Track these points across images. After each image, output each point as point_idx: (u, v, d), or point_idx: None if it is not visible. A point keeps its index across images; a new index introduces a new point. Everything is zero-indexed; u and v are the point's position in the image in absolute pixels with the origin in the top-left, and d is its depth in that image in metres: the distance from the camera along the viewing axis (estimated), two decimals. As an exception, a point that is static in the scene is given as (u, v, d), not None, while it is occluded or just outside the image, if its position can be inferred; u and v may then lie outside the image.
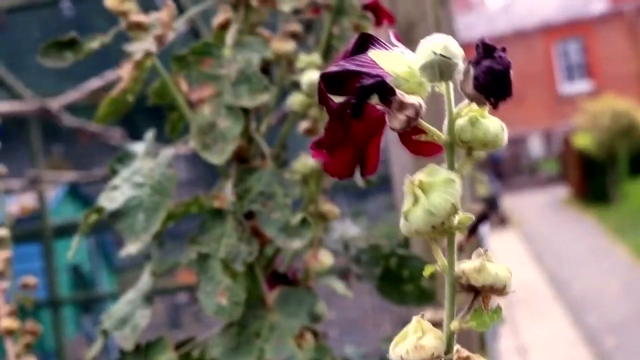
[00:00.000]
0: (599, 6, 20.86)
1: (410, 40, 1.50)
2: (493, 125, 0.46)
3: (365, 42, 0.48)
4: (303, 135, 0.97)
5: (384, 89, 0.44)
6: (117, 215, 0.92)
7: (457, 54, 0.44)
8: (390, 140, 1.18)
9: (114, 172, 1.00)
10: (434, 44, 0.44)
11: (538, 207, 13.15)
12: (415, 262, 1.02)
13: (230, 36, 0.92)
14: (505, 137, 0.47)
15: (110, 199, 0.93)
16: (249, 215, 0.92)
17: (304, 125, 0.95)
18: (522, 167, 16.55)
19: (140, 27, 0.93)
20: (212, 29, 0.99)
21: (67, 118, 3.98)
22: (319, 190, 0.94)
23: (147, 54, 0.87)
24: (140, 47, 0.90)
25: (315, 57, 0.88)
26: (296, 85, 0.91)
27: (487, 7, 26.30)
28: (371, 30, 0.90)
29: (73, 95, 3.77)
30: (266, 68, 0.95)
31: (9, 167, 1.22)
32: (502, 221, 11.23)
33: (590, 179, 12.56)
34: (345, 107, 0.46)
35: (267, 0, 0.96)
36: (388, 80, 0.45)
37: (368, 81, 0.44)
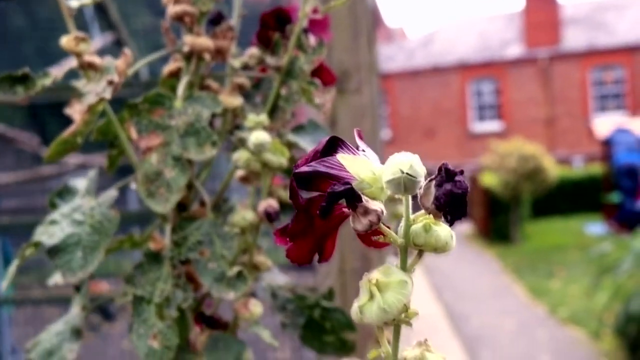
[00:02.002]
0: (515, 50, 21.46)
1: (344, 89, 1.55)
2: (444, 232, 0.51)
3: (333, 144, 0.52)
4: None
5: (352, 196, 0.49)
6: (54, 250, 0.93)
7: (421, 172, 0.49)
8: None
9: (52, 206, 1.02)
10: (401, 162, 0.49)
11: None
12: (338, 315, 1.06)
13: (181, 87, 0.95)
14: (453, 243, 0.52)
15: (49, 234, 0.95)
16: (185, 261, 0.94)
17: (240, 173, 0.99)
18: (427, 200, 16.79)
19: (93, 68, 0.95)
20: (162, 75, 1.02)
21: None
22: (254, 243, 0.97)
23: (101, 100, 0.89)
24: (94, 90, 0.92)
25: (263, 118, 0.92)
26: (241, 142, 0.94)
27: (407, 39, 26.73)
28: (317, 94, 0.94)
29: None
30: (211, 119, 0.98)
31: None
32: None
33: (494, 217, 12.90)
34: (311, 203, 0.51)
35: (218, 54, 1.00)
36: (353, 183, 0.50)
37: (338, 188, 0.49)
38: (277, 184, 1.01)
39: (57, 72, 0.96)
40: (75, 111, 0.93)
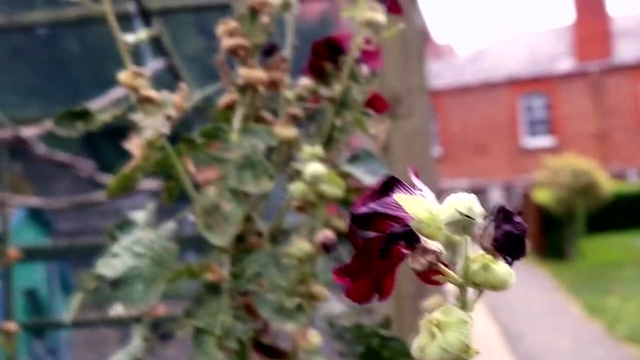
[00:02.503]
0: (565, 64, 21.22)
1: (396, 114, 1.56)
2: (503, 271, 0.51)
3: (390, 184, 0.53)
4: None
5: (411, 237, 0.50)
6: (116, 283, 0.95)
7: (479, 213, 0.49)
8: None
9: (112, 238, 1.04)
10: (459, 203, 0.49)
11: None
12: (396, 344, 1.06)
13: (236, 120, 0.97)
14: (512, 281, 0.52)
15: (110, 267, 0.96)
16: (243, 292, 0.96)
17: (294, 203, 1.00)
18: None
19: (150, 102, 0.97)
20: (217, 107, 1.03)
21: (40, 147, 3.98)
22: (312, 273, 0.98)
23: (160, 135, 0.91)
24: (152, 125, 0.94)
25: (318, 149, 0.93)
26: (297, 174, 0.95)
27: (456, 55, 26.64)
28: (371, 124, 0.95)
29: (48, 124, 3.77)
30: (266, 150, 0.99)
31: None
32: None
33: (547, 234, 12.73)
34: (370, 243, 0.52)
35: (272, 86, 1.01)
36: (411, 223, 0.51)
37: (397, 229, 0.49)
38: (333, 213, 1.01)
39: (115, 108, 0.98)
40: (135, 146, 0.95)
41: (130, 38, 1.00)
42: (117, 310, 1.10)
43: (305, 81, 1.02)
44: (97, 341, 5.87)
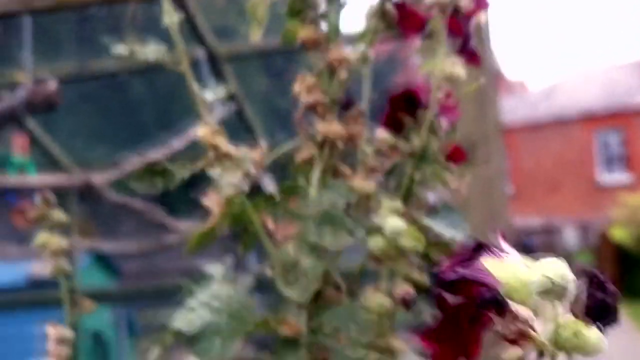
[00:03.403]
0: (641, 99, 20.79)
1: (472, 161, 1.54)
2: (594, 336, 0.50)
3: (478, 248, 0.53)
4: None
5: (501, 304, 0.49)
6: (193, 338, 0.95)
7: (571, 280, 0.48)
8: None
9: (189, 292, 1.04)
10: (552, 271, 0.48)
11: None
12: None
13: (315, 176, 0.97)
14: (604, 346, 0.51)
15: (187, 322, 0.97)
16: (322, 347, 0.95)
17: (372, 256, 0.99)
18: (556, 257, 16.29)
19: (228, 158, 0.98)
20: (296, 163, 1.03)
21: (110, 193, 4.05)
22: (390, 328, 0.97)
23: (238, 193, 0.92)
24: (231, 181, 0.95)
25: (398, 204, 0.93)
26: (377, 229, 0.94)
27: (528, 91, 26.40)
28: (451, 179, 0.95)
29: (119, 170, 3.84)
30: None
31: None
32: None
33: (626, 274, 12.42)
34: (458, 308, 0.51)
35: (350, 140, 1.01)
36: (500, 289, 0.50)
37: (487, 296, 0.49)
38: (411, 268, 1.00)
39: (192, 164, 0.99)
40: (213, 202, 0.96)
41: (209, 96, 1.02)
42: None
43: (383, 134, 1.02)
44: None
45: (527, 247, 13.74)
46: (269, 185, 1.14)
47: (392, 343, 0.98)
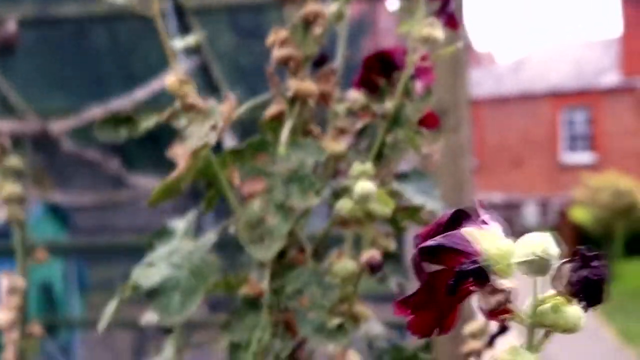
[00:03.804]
0: (611, 78, 20.88)
1: (442, 128, 1.51)
2: (573, 313, 0.49)
3: (459, 217, 0.50)
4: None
5: (481, 275, 0.47)
6: (152, 293, 0.92)
7: (555, 255, 0.47)
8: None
9: (150, 247, 1.01)
10: (535, 244, 0.47)
11: (526, 278, 13.11)
12: (437, 369, 1.02)
13: (284, 133, 0.94)
14: (582, 323, 0.49)
15: (146, 277, 0.94)
16: (283, 309, 0.93)
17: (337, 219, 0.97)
18: (514, 234, 16.32)
19: (195, 110, 0.94)
20: (265, 118, 1.00)
21: (66, 143, 3.98)
22: (355, 293, 0.95)
23: (205, 145, 0.88)
24: (198, 134, 0.91)
25: (368, 167, 0.90)
26: (345, 190, 0.92)
27: (496, 64, 26.43)
28: (424, 145, 0.92)
29: (77, 119, 3.77)
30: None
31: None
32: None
33: (583, 255, 12.47)
34: (435, 277, 0.49)
35: (322, 98, 0.98)
36: (480, 260, 0.48)
37: (467, 266, 0.47)
38: (378, 234, 0.98)
39: (158, 114, 0.96)
40: (178, 155, 0.92)
41: (178, 43, 0.98)
42: (149, 318, 1.08)
43: (356, 95, 0.99)
44: (109, 341, 5.84)
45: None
46: (230, 140, 1.10)
47: (356, 308, 0.96)
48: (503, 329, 1.15)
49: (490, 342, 1.12)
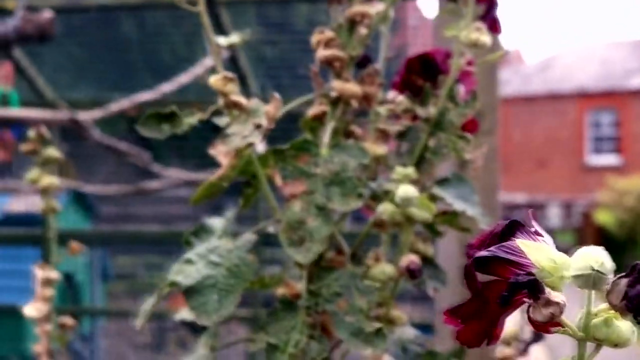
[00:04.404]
0: (638, 80, 20.64)
1: (478, 132, 1.49)
2: (626, 328, 0.48)
3: (512, 228, 0.50)
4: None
5: (535, 287, 0.47)
6: (190, 291, 0.93)
7: (610, 269, 0.47)
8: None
9: (188, 244, 1.01)
10: (592, 258, 0.47)
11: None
12: (470, 374, 1.02)
13: (327, 134, 0.94)
14: (635, 339, 0.49)
15: (185, 274, 0.94)
16: (321, 311, 0.93)
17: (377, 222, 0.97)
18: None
19: (238, 108, 0.95)
20: (306, 118, 1.00)
21: (96, 133, 3.99)
22: (392, 297, 0.95)
23: (249, 145, 0.89)
24: (240, 132, 0.91)
25: (410, 171, 0.90)
26: (386, 193, 0.92)
27: (524, 63, 26.23)
28: (468, 149, 0.92)
29: (108, 108, 3.79)
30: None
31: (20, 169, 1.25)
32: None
33: (608, 258, 12.32)
34: (487, 287, 0.49)
35: (365, 100, 0.98)
36: (534, 272, 0.48)
37: (522, 278, 0.47)
38: (416, 238, 0.98)
39: (201, 112, 0.96)
40: (220, 153, 0.92)
41: (222, 41, 0.98)
42: (184, 315, 1.08)
43: (399, 98, 0.99)
44: (130, 331, 5.84)
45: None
46: (260, 144, 1.09)
47: (392, 313, 0.96)
48: (538, 337, 1.15)
49: (525, 349, 1.12)
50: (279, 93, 0.98)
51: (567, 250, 0.49)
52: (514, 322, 1.15)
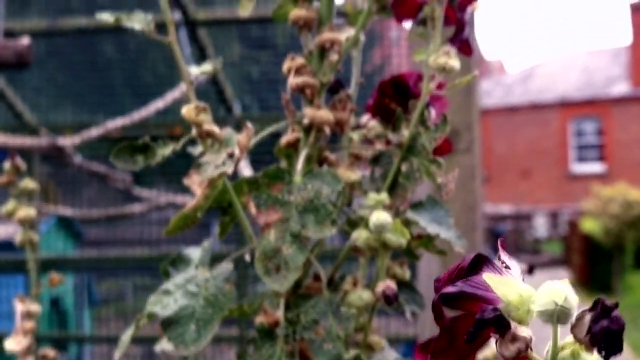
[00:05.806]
0: (620, 88, 20.75)
1: (454, 151, 1.50)
2: None
3: (479, 262, 0.50)
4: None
5: (501, 324, 0.47)
6: (168, 322, 0.92)
7: (575, 304, 0.47)
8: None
9: (166, 275, 1.01)
10: (555, 294, 0.47)
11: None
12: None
13: (300, 162, 0.94)
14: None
15: (162, 305, 0.94)
16: (299, 339, 0.93)
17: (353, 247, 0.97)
18: (525, 245, 16.20)
19: (211, 137, 0.95)
20: (279, 145, 1.00)
21: (77, 158, 3.99)
22: (369, 323, 0.95)
23: (222, 174, 0.88)
24: (213, 162, 0.91)
25: (383, 196, 0.90)
26: (361, 219, 0.92)
27: (505, 73, 26.33)
28: (439, 174, 0.92)
29: (89, 133, 3.79)
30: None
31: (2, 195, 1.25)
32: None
33: (594, 266, 12.35)
34: (455, 323, 0.49)
35: (337, 126, 0.98)
36: (500, 306, 0.48)
37: (488, 315, 0.47)
38: (392, 262, 0.98)
39: (175, 142, 0.96)
40: (194, 183, 0.92)
41: (194, 71, 0.98)
42: (163, 346, 1.08)
43: (371, 123, 0.99)
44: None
45: (497, 234, 13.71)
46: (246, 168, 1.10)
47: (371, 339, 0.96)
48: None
49: None
50: (263, 110, 0.98)
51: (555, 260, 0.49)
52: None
